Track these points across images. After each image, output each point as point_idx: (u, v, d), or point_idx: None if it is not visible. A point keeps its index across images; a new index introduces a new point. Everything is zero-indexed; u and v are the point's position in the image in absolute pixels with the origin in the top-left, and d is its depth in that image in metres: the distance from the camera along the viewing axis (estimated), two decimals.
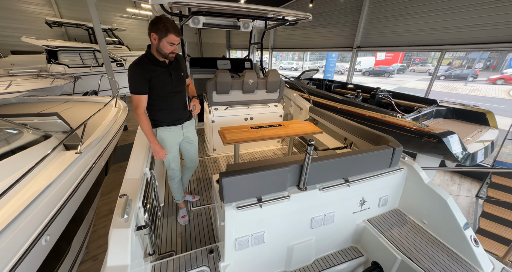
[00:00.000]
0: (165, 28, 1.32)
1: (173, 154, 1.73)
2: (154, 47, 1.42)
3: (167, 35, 1.34)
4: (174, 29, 1.35)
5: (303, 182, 1.39)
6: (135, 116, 1.50)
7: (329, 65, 13.98)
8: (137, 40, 12.16)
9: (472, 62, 21.94)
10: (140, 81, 1.41)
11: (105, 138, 2.29)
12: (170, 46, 1.39)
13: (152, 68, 1.43)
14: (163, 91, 1.51)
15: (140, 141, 1.85)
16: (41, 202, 1.35)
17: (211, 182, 2.33)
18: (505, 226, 2.74)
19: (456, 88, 15.38)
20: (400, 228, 1.61)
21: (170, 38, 1.35)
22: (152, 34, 1.36)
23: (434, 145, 3.03)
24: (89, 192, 1.94)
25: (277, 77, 2.71)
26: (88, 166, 1.86)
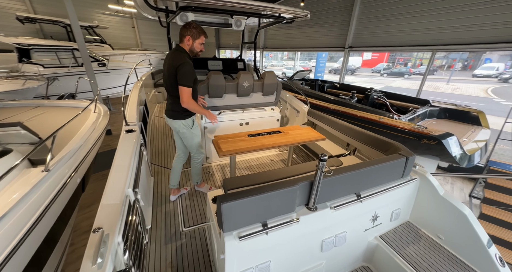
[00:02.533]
0: (197, 31, 1.68)
1: (200, 136, 2.03)
2: (188, 47, 1.73)
3: (200, 36, 1.70)
4: (204, 31, 1.72)
5: (313, 201, 1.22)
6: (189, 106, 1.76)
7: (319, 65, 14.05)
8: (121, 38, 11.53)
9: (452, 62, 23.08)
10: (193, 76, 1.73)
11: (81, 150, 2.00)
12: (200, 46, 1.74)
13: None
14: (195, 82, 1.80)
15: (122, 154, 1.59)
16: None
17: (205, 199, 2.11)
18: (505, 228, 2.74)
19: (439, 87, 16.01)
20: (415, 244, 1.47)
21: (202, 39, 1.72)
22: (187, 37, 1.69)
23: (433, 147, 2.98)
24: (63, 212, 1.67)
25: (274, 79, 2.53)
26: (58, 185, 1.58)
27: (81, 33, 4.85)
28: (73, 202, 1.90)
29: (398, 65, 26.37)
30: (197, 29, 1.65)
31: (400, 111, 4.53)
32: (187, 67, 1.65)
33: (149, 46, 12.07)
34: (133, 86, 3.30)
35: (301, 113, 3.06)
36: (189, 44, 1.71)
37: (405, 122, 3.42)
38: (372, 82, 17.48)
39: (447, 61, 23.46)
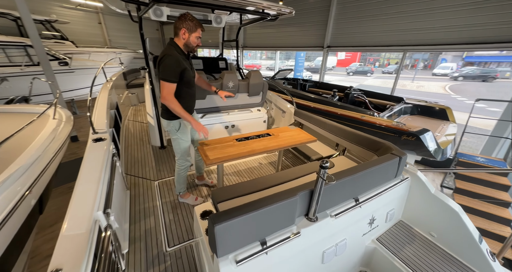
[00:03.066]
0: (193, 24, 1.53)
1: (189, 142, 1.87)
2: (182, 41, 1.60)
3: (196, 29, 1.55)
4: (200, 24, 1.57)
5: (313, 211, 1.13)
6: (166, 102, 1.60)
7: (298, 64, 14.32)
8: (86, 35, 10.46)
9: (415, 61, 25.33)
10: (176, 70, 1.56)
11: (36, 164, 1.68)
12: (196, 40, 1.59)
13: (182, 59, 1.59)
14: (189, 79, 1.67)
15: (88, 168, 1.33)
16: None
17: (191, 212, 1.92)
18: (477, 216, 2.97)
19: (406, 85, 17.36)
20: (410, 245, 1.47)
21: (198, 32, 1.57)
22: (182, 30, 1.55)
23: (412, 142, 3.12)
24: (14, 240, 1.37)
25: (260, 78, 2.42)
26: (4, 211, 1.28)
27: (35, 27, 4.23)
28: (27, 227, 1.59)
29: (368, 64, 28.20)
30: (193, 21, 1.53)
31: (378, 108, 4.74)
32: (168, 60, 1.53)
33: (119, 44, 11.14)
34: (101, 87, 2.94)
35: (288, 113, 2.99)
36: (184, 38, 1.58)
37: (385, 120, 3.55)
38: (346, 81, 18.37)
39: (411, 61, 25.67)
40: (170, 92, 1.59)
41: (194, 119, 1.71)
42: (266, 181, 1.51)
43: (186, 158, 1.90)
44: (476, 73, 16.99)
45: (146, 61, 2.75)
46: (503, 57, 20.52)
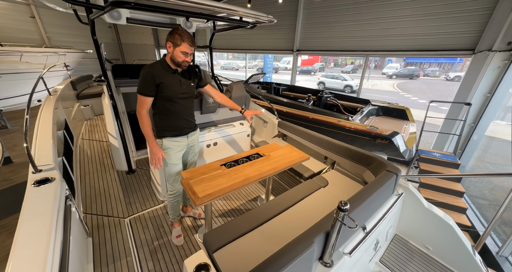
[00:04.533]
0: (179, 38, 1.39)
1: (178, 165, 1.70)
2: (169, 55, 1.49)
3: (180, 43, 1.41)
4: (188, 39, 1.41)
5: (329, 255, 1.01)
6: (138, 117, 1.50)
7: (267, 65, 14.47)
8: (13, 31, 8.56)
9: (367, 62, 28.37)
10: (148, 83, 1.45)
11: None
12: (183, 55, 1.44)
13: (163, 73, 1.48)
14: (171, 95, 1.53)
15: (30, 231, 0.97)
16: None
17: (175, 255, 1.63)
18: (444, 208, 3.34)
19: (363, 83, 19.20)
20: (410, 261, 1.49)
21: (183, 47, 1.41)
22: (168, 43, 1.44)
23: (386, 145, 3.34)
24: None
25: (242, 91, 2.23)
26: None
27: None
28: None
29: (329, 65, 30.41)
30: (180, 35, 1.39)
31: (348, 111, 5.01)
32: (142, 72, 1.46)
33: (61, 43, 9.45)
34: (42, 104, 2.35)
35: (270, 124, 2.87)
36: (169, 52, 1.46)
37: (360, 124, 3.73)
38: (311, 80, 19.36)
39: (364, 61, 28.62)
40: (142, 106, 1.49)
41: (153, 143, 1.54)
42: (262, 213, 1.35)
43: (172, 183, 1.69)
44: (404, 72, 20.64)
45: (103, 71, 2.29)
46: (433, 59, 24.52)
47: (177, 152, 1.65)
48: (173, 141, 1.62)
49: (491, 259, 2.62)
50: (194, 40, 1.45)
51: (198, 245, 1.72)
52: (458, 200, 3.43)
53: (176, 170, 1.68)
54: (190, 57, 1.48)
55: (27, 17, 8.86)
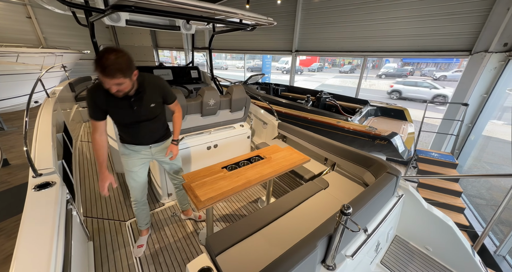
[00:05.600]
0: (95, 68, 1.10)
1: (135, 173, 1.59)
2: None
3: (102, 77, 1.13)
4: (103, 71, 1.09)
5: (331, 258, 1.02)
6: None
7: (266, 65, 14.48)
8: (9, 31, 8.48)
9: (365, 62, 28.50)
10: (93, 107, 1.30)
11: None
12: (112, 86, 1.16)
13: (109, 98, 1.27)
14: (121, 121, 1.41)
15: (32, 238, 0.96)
16: None
17: (176, 259, 1.63)
18: (443, 208, 3.37)
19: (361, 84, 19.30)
20: (411, 262, 1.51)
21: (103, 80, 1.14)
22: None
23: (385, 146, 3.36)
24: None
25: (243, 93, 2.24)
26: None
27: None
28: None
29: (327, 64, 30.52)
30: (96, 66, 1.08)
31: (347, 111, 5.03)
32: (86, 95, 1.32)
33: (58, 43, 9.37)
34: (41, 107, 2.33)
35: (270, 125, 2.88)
36: None
37: (359, 125, 3.75)
38: (310, 80, 19.42)
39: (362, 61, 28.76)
40: (93, 129, 1.34)
41: (102, 169, 1.36)
42: (264, 216, 1.36)
43: (130, 190, 1.65)
44: (393, 72, 20.67)
45: None
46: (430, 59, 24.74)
47: (135, 160, 1.54)
48: (131, 148, 1.52)
49: (489, 258, 2.65)
50: (115, 70, 1.09)
51: (200, 249, 1.72)
52: (456, 200, 3.46)
53: (131, 177, 1.57)
54: (124, 86, 1.18)
55: (23, 17, 8.78)
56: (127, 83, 1.18)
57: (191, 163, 2.17)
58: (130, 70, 1.16)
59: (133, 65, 1.17)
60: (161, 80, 1.44)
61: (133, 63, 1.18)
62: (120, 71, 1.11)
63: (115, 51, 1.10)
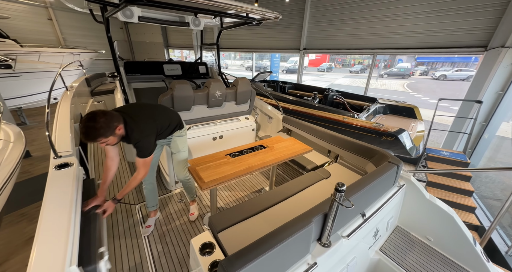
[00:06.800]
0: (81, 135, 1.25)
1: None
2: None
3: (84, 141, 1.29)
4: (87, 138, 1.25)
5: (327, 235, 1.06)
6: None
7: (274, 65, 14.50)
8: (33, 32, 9.03)
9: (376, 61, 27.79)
10: None
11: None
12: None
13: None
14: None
15: (52, 209, 1.06)
16: None
17: (182, 240, 1.71)
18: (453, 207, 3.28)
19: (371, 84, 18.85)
20: (410, 251, 1.51)
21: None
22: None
23: (391, 142, 3.31)
24: None
25: (248, 86, 2.30)
26: None
27: None
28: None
29: (337, 64, 30.02)
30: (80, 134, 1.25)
31: (354, 109, 4.97)
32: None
33: (76, 43, 9.87)
34: (60, 98, 2.50)
35: (275, 119, 2.92)
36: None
37: (366, 121, 3.72)
38: (319, 80, 19.22)
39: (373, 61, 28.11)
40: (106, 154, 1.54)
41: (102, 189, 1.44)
42: (265, 200, 1.41)
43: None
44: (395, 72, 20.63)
45: (116, 68, 2.42)
46: (446, 58, 23.77)
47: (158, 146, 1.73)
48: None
49: (501, 258, 2.57)
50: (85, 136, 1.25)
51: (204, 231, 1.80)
52: (466, 199, 3.35)
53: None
54: (109, 142, 1.35)
55: (44, 19, 9.33)
56: (111, 140, 1.33)
57: (196, 152, 2.26)
58: (109, 131, 1.29)
59: (112, 126, 1.30)
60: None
61: (112, 124, 1.30)
62: (100, 135, 1.26)
63: (94, 118, 1.24)
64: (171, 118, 1.69)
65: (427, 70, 20.81)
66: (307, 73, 24.49)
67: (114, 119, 1.31)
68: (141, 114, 1.51)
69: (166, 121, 1.64)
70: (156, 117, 1.57)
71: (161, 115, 1.62)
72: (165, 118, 1.64)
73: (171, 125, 1.68)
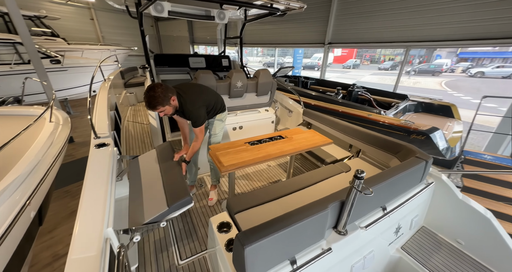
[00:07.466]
0: (145, 103, 1.53)
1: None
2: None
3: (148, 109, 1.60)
4: (149, 106, 1.52)
5: (343, 223, 1.04)
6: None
7: (297, 61, 14.20)
8: (77, 31, 10.07)
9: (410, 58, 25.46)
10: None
11: (35, 173, 1.55)
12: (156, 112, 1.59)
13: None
14: None
15: (94, 180, 1.21)
16: None
17: (201, 220, 1.81)
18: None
19: (403, 81, 17.42)
20: (437, 253, 1.41)
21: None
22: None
23: (422, 141, 3.07)
24: (14, 255, 1.26)
25: (269, 77, 2.31)
26: (1, 228, 1.16)
27: (24, 23, 3.99)
28: (28, 240, 1.47)
29: (365, 61, 28.25)
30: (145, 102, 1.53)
31: (382, 106, 4.68)
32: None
33: (112, 41, 10.79)
34: (99, 87, 2.78)
35: (295, 113, 2.90)
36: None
37: (393, 118, 3.49)
38: (343, 77, 18.34)
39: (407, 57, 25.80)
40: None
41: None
42: (282, 188, 1.43)
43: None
44: (424, 68, 18.98)
45: (147, 60, 2.61)
46: (496, 53, 20.74)
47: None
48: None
49: None
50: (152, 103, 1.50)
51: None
52: (511, 208, 2.98)
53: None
54: (166, 111, 1.59)
55: (87, 19, 10.32)
56: (167, 109, 1.56)
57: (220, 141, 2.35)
58: (166, 100, 1.52)
59: (168, 96, 1.51)
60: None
61: (168, 94, 1.52)
62: (158, 103, 1.50)
63: (153, 88, 1.48)
64: (217, 98, 1.87)
65: (471, 67, 18.57)
66: (331, 69, 23.48)
67: (169, 90, 1.53)
68: (192, 90, 1.73)
69: (213, 99, 1.83)
70: (204, 93, 1.79)
71: (208, 94, 1.82)
72: (211, 96, 1.83)
73: (217, 103, 1.87)
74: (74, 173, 4.00)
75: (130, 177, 1.64)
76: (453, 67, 19.58)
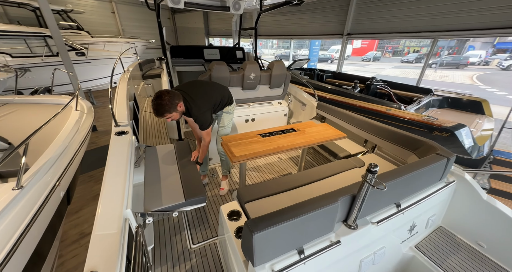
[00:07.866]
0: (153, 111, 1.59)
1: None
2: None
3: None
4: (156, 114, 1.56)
5: (354, 218, 1.03)
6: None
7: (313, 53, 13.75)
8: (99, 25, 10.49)
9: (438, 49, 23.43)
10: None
11: (63, 157, 1.68)
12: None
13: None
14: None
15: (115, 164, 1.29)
16: None
17: (212, 208, 1.88)
18: None
19: (428, 75, 16.22)
20: (454, 254, 1.34)
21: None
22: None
23: (446, 139, 2.88)
24: (46, 232, 1.40)
25: (283, 69, 2.27)
26: (36, 205, 1.29)
27: (53, 17, 4.23)
28: (58, 217, 1.63)
29: (386, 53, 26.55)
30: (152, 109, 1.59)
31: (402, 101, 4.42)
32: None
33: (131, 34, 11.13)
34: (119, 78, 2.91)
35: (309, 106, 2.83)
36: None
37: (414, 113, 3.29)
38: (362, 71, 17.46)
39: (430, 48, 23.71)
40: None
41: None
42: (292, 181, 1.43)
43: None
44: (448, 60, 17.59)
45: (164, 51, 2.67)
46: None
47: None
48: None
49: None
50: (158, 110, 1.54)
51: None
52: None
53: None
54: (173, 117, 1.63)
55: (109, 12, 10.69)
56: (174, 115, 1.60)
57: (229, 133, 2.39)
58: (173, 107, 1.55)
59: (174, 103, 1.54)
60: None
61: (174, 101, 1.54)
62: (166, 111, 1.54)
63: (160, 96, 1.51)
64: (223, 94, 1.88)
65: (509, 59, 16.74)
66: (349, 62, 22.40)
67: (175, 97, 1.56)
68: (197, 92, 1.74)
69: (219, 97, 1.84)
70: (210, 94, 1.79)
71: (214, 92, 1.83)
72: (217, 94, 1.84)
73: (223, 100, 1.88)
74: (98, 159, 4.29)
75: (146, 164, 1.73)
76: (487, 59, 17.77)
